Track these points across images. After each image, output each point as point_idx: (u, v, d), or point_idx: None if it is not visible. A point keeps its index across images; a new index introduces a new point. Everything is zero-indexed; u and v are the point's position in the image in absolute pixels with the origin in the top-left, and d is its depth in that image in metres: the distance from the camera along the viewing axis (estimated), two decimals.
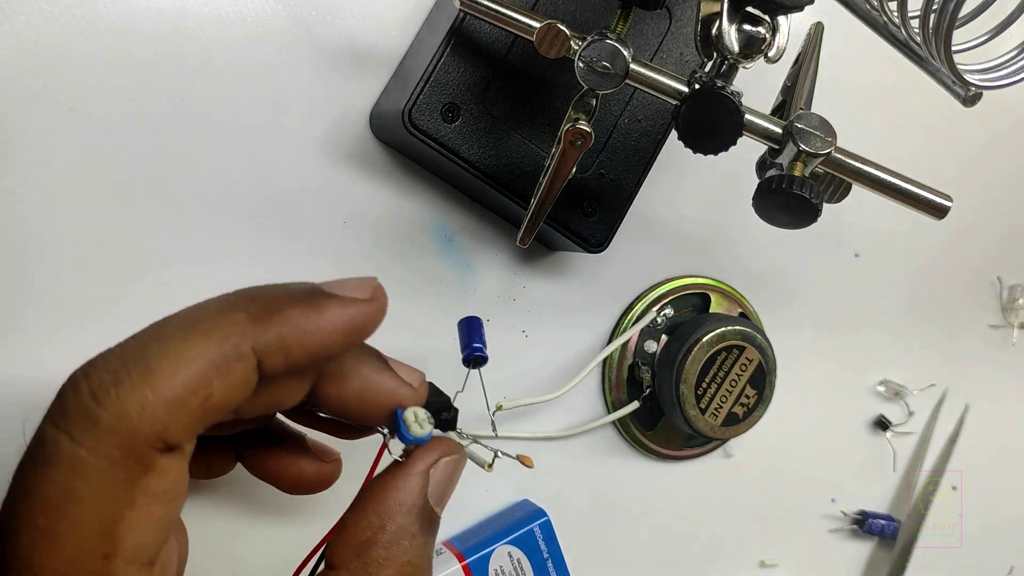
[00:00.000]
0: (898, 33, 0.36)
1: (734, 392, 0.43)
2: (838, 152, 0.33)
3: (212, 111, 0.37)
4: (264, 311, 0.22)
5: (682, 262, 0.47)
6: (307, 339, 0.22)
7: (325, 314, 0.23)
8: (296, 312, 0.22)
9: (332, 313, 0.23)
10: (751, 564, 0.51)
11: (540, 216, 0.35)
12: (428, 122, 0.35)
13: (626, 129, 0.39)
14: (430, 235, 0.41)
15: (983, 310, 0.56)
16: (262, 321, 0.22)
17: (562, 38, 0.31)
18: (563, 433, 0.44)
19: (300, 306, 0.22)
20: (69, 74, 0.34)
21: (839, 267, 0.52)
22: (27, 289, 0.34)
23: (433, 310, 0.42)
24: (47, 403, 0.21)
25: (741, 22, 0.31)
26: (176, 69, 0.36)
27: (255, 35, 0.37)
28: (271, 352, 0.22)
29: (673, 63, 0.39)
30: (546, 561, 0.41)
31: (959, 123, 0.53)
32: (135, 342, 0.21)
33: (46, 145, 0.34)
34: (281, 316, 0.22)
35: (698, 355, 0.42)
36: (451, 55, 0.35)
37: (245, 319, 0.21)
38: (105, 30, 0.35)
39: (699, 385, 0.42)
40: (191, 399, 0.20)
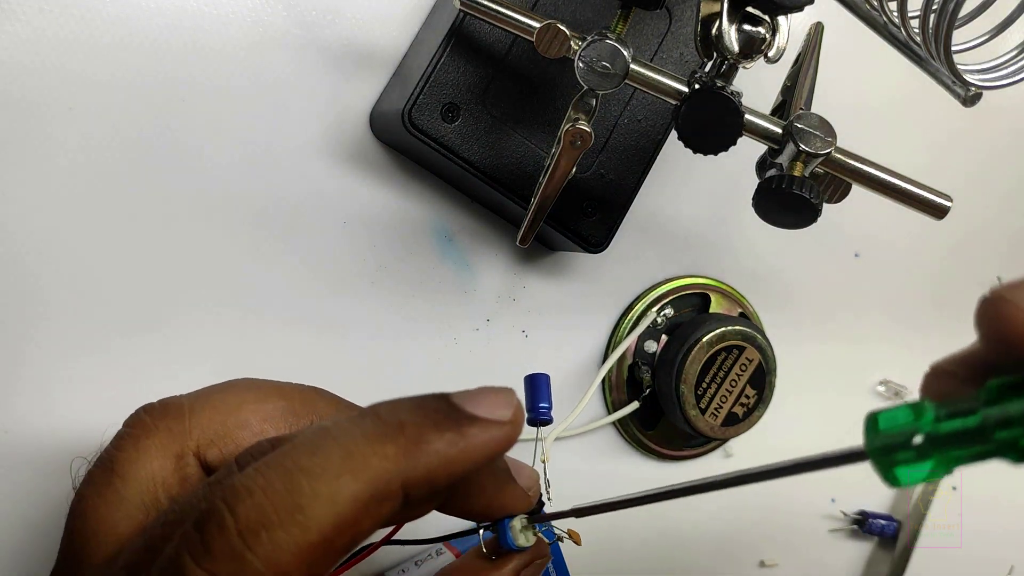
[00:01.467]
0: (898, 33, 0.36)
1: (734, 392, 0.43)
2: (838, 152, 0.33)
3: (212, 111, 0.37)
4: (413, 444, 0.21)
5: (682, 262, 0.47)
6: (453, 468, 0.21)
7: (471, 441, 0.22)
8: (444, 444, 0.21)
9: (476, 440, 0.22)
10: (751, 564, 0.51)
11: (540, 216, 0.35)
12: (428, 122, 0.35)
13: (626, 129, 0.39)
14: (430, 235, 0.41)
15: None
16: (411, 456, 0.21)
17: (562, 38, 0.31)
18: (564, 433, 0.44)
19: (447, 436, 0.21)
20: (69, 74, 0.34)
21: (839, 267, 0.52)
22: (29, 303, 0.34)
23: (433, 311, 0.42)
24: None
25: (741, 22, 0.31)
26: (176, 70, 0.36)
27: (255, 35, 0.37)
28: (417, 485, 0.21)
29: (673, 63, 0.39)
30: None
31: (959, 123, 0.53)
32: (280, 473, 0.20)
33: (46, 145, 0.34)
34: (430, 448, 0.21)
35: (698, 355, 0.42)
36: (451, 55, 0.35)
37: (396, 454, 0.21)
38: (105, 30, 0.35)
39: (699, 385, 0.42)
40: (340, 539, 0.19)
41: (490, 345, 0.43)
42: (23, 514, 0.35)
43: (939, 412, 0.17)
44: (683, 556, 0.49)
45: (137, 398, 0.27)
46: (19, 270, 0.34)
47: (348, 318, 0.40)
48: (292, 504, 0.19)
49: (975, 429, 0.16)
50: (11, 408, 0.34)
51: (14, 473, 0.34)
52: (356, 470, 0.20)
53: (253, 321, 0.38)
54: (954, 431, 0.16)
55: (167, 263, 0.37)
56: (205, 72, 0.36)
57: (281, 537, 0.19)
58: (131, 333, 0.36)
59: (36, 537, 0.35)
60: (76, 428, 0.35)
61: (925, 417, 0.17)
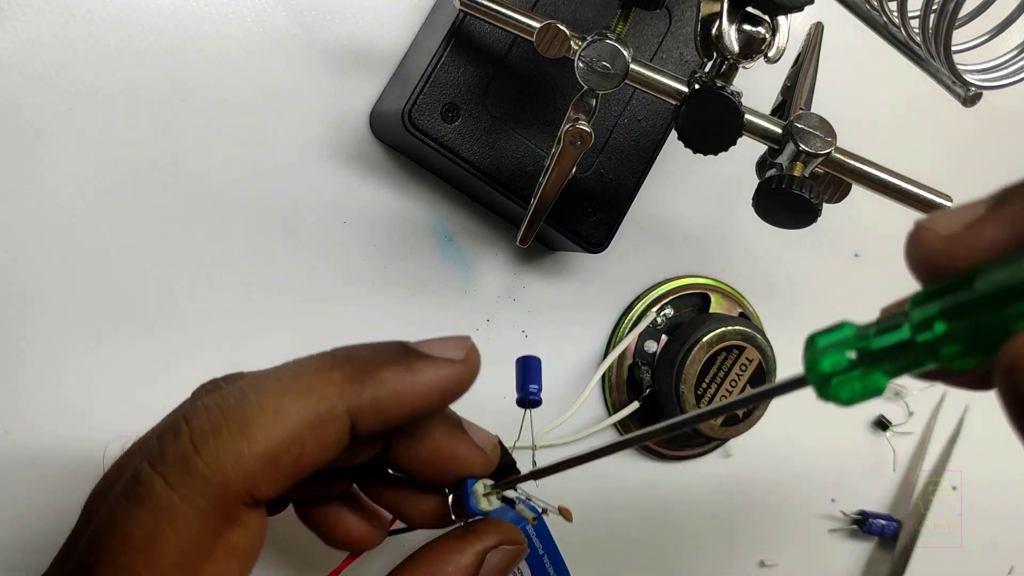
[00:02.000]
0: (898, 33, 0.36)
1: (734, 392, 0.43)
2: (838, 152, 0.33)
3: (212, 112, 0.37)
4: (360, 372, 0.22)
5: (682, 262, 0.47)
6: (401, 401, 0.22)
7: (420, 376, 0.22)
8: (391, 375, 0.22)
9: (426, 375, 0.23)
10: (751, 564, 0.51)
11: (540, 216, 0.35)
12: (428, 122, 0.35)
13: (626, 129, 0.39)
14: (430, 235, 0.41)
15: None
16: (358, 383, 0.22)
17: (562, 38, 0.31)
18: (566, 440, 0.44)
19: (395, 368, 0.22)
20: (69, 75, 0.34)
21: (839, 267, 0.52)
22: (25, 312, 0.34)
23: (433, 310, 0.42)
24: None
25: (741, 22, 0.31)
26: (176, 70, 0.36)
27: (255, 36, 0.37)
28: (365, 414, 0.22)
29: (673, 63, 0.39)
30: (542, 558, 0.41)
31: (959, 123, 0.53)
32: (235, 391, 0.21)
33: (45, 145, 0.34)
34: (377, 379, 0.22)
35: (698, 355, 0.42)
36: (451, 55, 0.35)
37: (342, 380, 0.22)
38: (105, 31, 0.35)
39: (699, 385, 0.42)
40: (284, 456, 0.20)
41: (490, 345, 0.43)
42: (20, 513, 0.35)
43: (870, 329, 0.17)
44: (683, 556, 0.49)
45: (135, 394, 0.27)
46: (19, 271, 0.34)
47: (348, 318, 0.40)
48: (240, 417, 0.20)
49: (903, 341, 0.17)
50: (11, 407, 0.34)
51: (15, 472, 0.34)
52: (301, 390, 0.21)
53: (253, 321, 0.38)
54: (884, 346, 0.17)
55: (166, 265, 0.37)
56: (205, 73, 0.36)
57: (227, 444, 0.20)
58: (131, 332, 0.36)
59: (34, 534, 0.35)
60: (79, 427, 0.35)
61: (856, 333, 0.17)
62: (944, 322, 0.16)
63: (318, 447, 0.21)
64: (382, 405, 0.22)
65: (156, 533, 0.19)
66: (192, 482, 0.20)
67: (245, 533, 0.21)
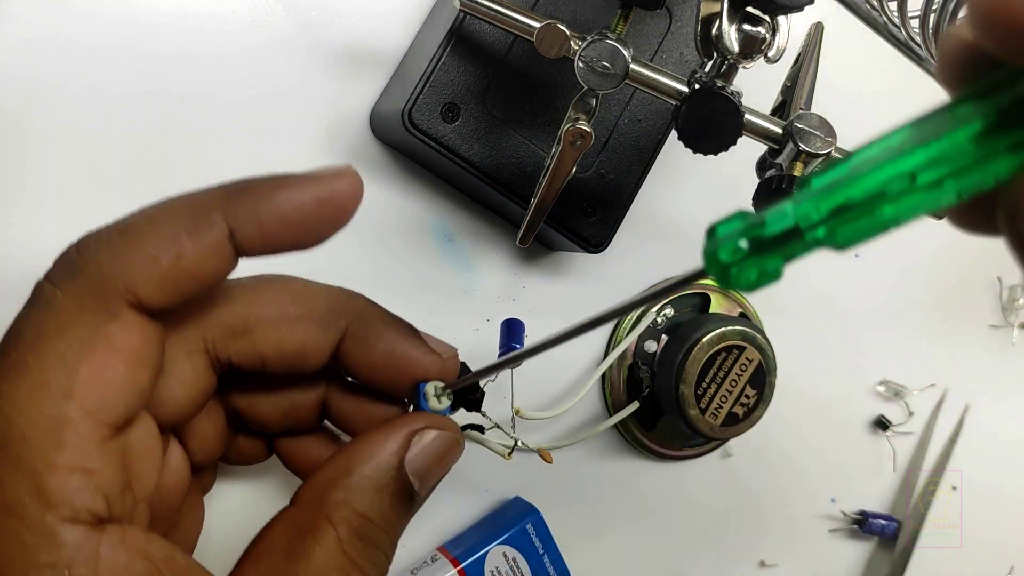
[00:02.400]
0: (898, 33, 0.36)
1: (734, 392, 0.43)
2: (838, 152, 0.33)
3: (212, 112, 0.37)
4: (236, 187, 0.23)
5: (682, 262, 0.47)
6: (278, 209, 0.23)
7: (296, 186, 0.23)
8: (267, 185, 0.23)
9: (303, 186, 0.24)
10: (751, 564, 0.51)
11: (540, 216, 0.35)
12: (428, 122, 0.35)
13: (626, 129, 0.39)
14: (430, 235, 0.41)
15: (983, 310, 0.56)
16: (233, 194, 0.23)
17: (562, 38, 0.31)
18: (567, 441, 0.44)
19: (271, 181, 0.23)
20: (69, 76, 0.34)
21: (839, 267, 0.52)
22: None
23: (433, 310, 0.42)
24: None
25: (741, 22, 0.31)
26: (176, 70, 0.36)
27: (255, 36, 0.37)
28: (244, 221, 0.22)
29: (673, 63, 0.39)
30: (542, 557, 0.41)
31: None
32: (126, 216, 0.23)
33: (45, 146, 0.34)
34: (252, 189, 0.23)
35: (698, 355, 0.42)
36: (451, 55, 0.35)
37: (217, 193, 0.23)
38: (104, 31, 0.35)
39: (699, 385, 0.42)
40: (162, 256, 0.21)
41: (490, 345, 0.43)
42: None
43: (762, 217, 0.18)
44: (683, 556, 0.49)
45: None
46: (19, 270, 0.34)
47: None
48: (121, 226, 0.22)
49: (791, 228, 0.17)
50: None
51: None
52: (179, 201, 0.23)
53: None
54: (775, 233, 0.17)
55: None
56: (205, 72, 0.36)
57: (106, 245, 0.22)
58: None
59: None
60: None
61: (751, 222, 0.18)
62: (822, 207, 0.17)
63: (197, 251, 0.22)
64: (259, 212, 0.23)
65: (43, 328, 0.21)
66: (74, 280, 0.21)
67: (129, 333, 0.21)
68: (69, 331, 0.21)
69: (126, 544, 0.21)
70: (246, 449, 0.31)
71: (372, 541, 0.23)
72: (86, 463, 0.20)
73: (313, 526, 0.23)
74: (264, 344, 0.26)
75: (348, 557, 0.23)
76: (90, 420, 0.21)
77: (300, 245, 0.24)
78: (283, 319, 0.26)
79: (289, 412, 0.29)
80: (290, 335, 0.26)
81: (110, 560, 0.20)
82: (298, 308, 0.27)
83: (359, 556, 0.23)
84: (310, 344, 0.26)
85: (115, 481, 0.21)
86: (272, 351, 0.26)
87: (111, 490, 0.21)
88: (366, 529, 0.23)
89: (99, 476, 0.21)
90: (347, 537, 0.23)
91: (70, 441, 0.20)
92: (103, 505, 0.21)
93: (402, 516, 0.25)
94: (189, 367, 0.25)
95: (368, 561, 0.23)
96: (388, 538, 0.24)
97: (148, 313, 0.22)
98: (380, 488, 0.24)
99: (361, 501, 0.24)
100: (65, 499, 0.20)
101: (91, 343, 0.21)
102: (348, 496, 0.23)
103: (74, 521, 0.20)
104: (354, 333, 0.26)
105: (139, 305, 0.21)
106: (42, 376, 0.20)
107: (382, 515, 0.24)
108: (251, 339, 0.26)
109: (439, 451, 0.25)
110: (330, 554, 0.22)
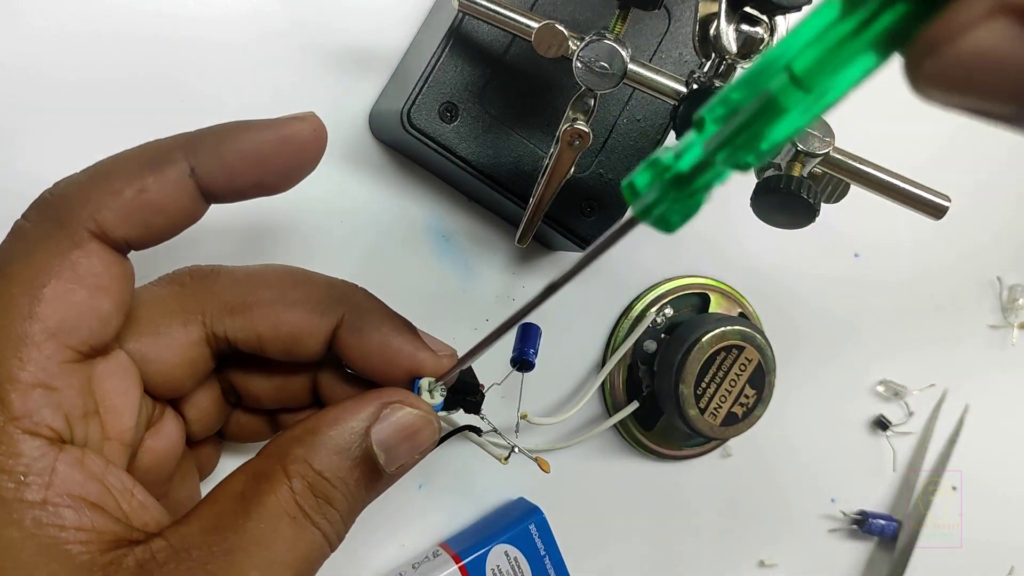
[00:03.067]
0: None
1: (733, 392, 0.43)
2: (836, 152, 0.33)
3: (211, 112, 0.37)
4: (199, 131, 0.24)
5: (681, 262, 0.47)
6: (240, 145, 0.24)
7: (257, 127, 0.24)
8: (229, 126, 0.24)
9: (264, 127, 0.25)
10: (751, 564, 0.51)
11: (538, 216, 0.36)
12: (426, 122, 0.35)
13: (625, 129, 0.39)
14: (428, 235, 0.41)
15: (983, 310, 0.56)
16: (197, 136, 0.24)
17: (560, 38, 0.31)
18: (567, 443, 0.44)
19: (233, 124, 0.25)
20: (69, 76, 0.34)
21: (839, 267, 0.52)
22: None
23: (432, 310, 0.42)
24: None
25: (739, 22, 0.31)
26: (175, 70, 0.36)
27: (254, 35, 0.37)
28: (206, 159, 0.24)
29: (672, 63, 0.39)
30: (543, 558, 0.41)
31: (957, 123, 0.53)
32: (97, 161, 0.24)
33: (44, 146, 0.34)
34: (215, 132, 0.24)
35: (697, 355, 0.42)
36: (450, 55, 0.35)
37: (181, 136, 0.24)
38: (104, 32, 0.35)
39: (698, 385, 0.42)
40: (125, 189, 0.23)
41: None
42: None
43: (674, 152, 0.18)
44: (683, 556, 0.49)
45: None
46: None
47: None
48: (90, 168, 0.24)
49: (701, 159, 0.18)
50: None
51: None
52: (143, 145, 0.24)
53: None
54: (690, 167, 0.18)
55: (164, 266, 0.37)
56: (203, 72, 0.36)
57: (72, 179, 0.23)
58: None
59: None
60: None
61: (665, 162, 0.18)
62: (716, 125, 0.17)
63: (159, 185, 0.23)
64: (221, 151, 0.24)
65: (11, 255, 0.22)
66: (42, 211, 0.23)
67: (91, 261, 0.22)
68: (35, 257, 0.22)
69: (82, 466, 0.22)
70: (248, 425, 0.31)
71: (326, 498, 0.23)
72: (48, 381, 0.21)
73: (269, 474, 0.23)
74: (260, 323, 0.27)
75: (300, 507, 0.23)
76: (53, 341, 0.22)
77: (265, 186, 0.25)
78: (281, 301, 0.27)
79: (282, 387, 0.30)
80: (286, 317, 0.27)
81: (64, 476, 0.21)
82: (297, 292, 0.27)
83: (311, 508, 0.23)
84: (306, 327, 0.27)
85: (77, 404, 0.22)
86: (268, 331, 0.27)
87: (72, 411, 0.22)
88: (321, 486, 0.23)
89: (60, 395, 0.22)
90: (300, 489, 0.23)
91: (32, 358, 0.21)
92: (63, 423, 0.22)
93: (363, 486, 0.25)
94: (183, 333, 0.26)
95: (319, 515, 0.23)
96: (345, 500, 0.24)
97: (115, 247, 0.23)
98: (341, 451, 0.24)
99: (320, 459, 0.24)
100: (25, 412, 0.21)
101: (54, 268, 0.22)
102: (307, 452, 0.24)
103: (33, 434, 0.21)
104: (350, 323, 0.27)
105: (104, 236, 0.23)
106: (7, 297, 0.21)
107: (340, 477, 0.24)
108: (248, 317, 0.27)
109: (408, 427, 0.25)
110: (282, 501, 0.23)
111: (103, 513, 0.22)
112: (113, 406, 0.24)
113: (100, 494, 0.22)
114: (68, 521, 0.21)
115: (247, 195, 0.25)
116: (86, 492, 0.22)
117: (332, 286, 0.28)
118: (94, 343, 0.23)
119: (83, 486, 0.22)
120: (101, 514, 0.22)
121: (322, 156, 0.26)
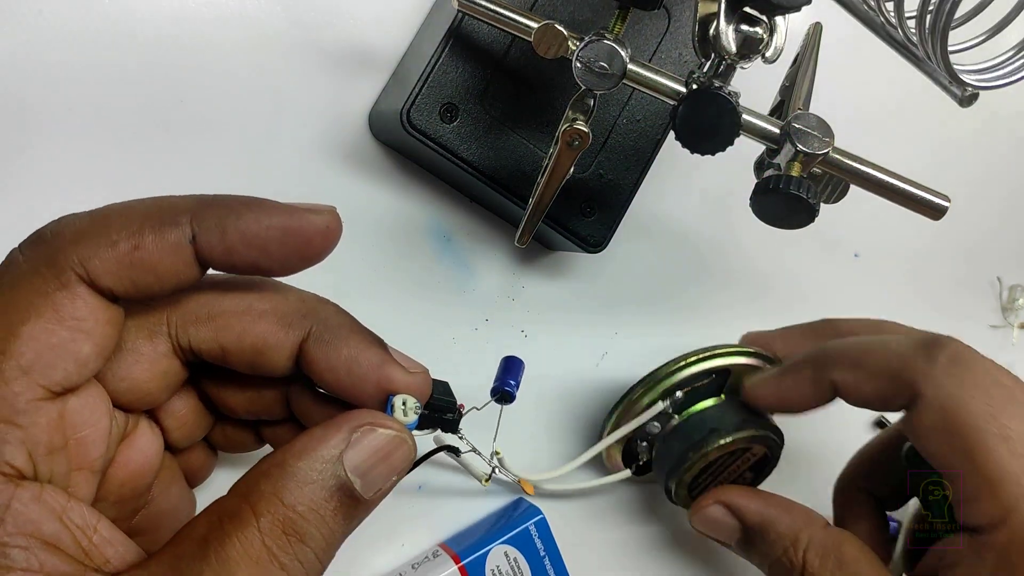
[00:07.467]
0: (895, 33, 0.36)
1: (731, 478, 0.41)
2: (836, 152, 0.33)
3: (211, 112, 0.37)
4: (210, 197, 0.24)
5: (681, 262, 0.47)
6: (244, 225, 0.24)
7: (268, 210, 0.24)
8: (240, 201, 0.24)
9: (275, 211, 0.24)
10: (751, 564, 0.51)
11: (538, 216, 0.36)
12: (426, 122, 0.35)
13: (625, 129, 0.39)
14: (428, 235, 0.41)
15: (983, 310, 0.56)
16: (206, 203, 0.24)
17: (560, 39, 0.31)
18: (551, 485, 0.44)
19: (246, 200, 0.24)
20: (68, 76, 0.34)
21: (839, 267, 0.52)
22: None
23: (432, 310, 0.42)
24: None
25: (738, 22, 0.31)
26: (175, 70, 0.36)
27: (254, 36, 0.37)
28: (209, 229, 0.23)
29: (671, 63, 0.40)
30: (543, 559, 0.41)
31: (957, 123, 0.53)
32: (106, 205, 0.24)
33: (42, 146, 0.34)
34: (225, 203, 0.24)
35: (698, 463, 0.39)
36: (449, 55, 0.36)
37: (192, 199, 0.24)
38: (104, 32, 0.35)
39: (694, 483, 0.40)
40: (121, 242, 0.22)
41: (489, 345, 0.43)
42: None
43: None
44: (682, 557, 0.49)
45: None
46: None
47: None
48: (94, 213, 0.23)
49: None
50: None
51: None
52: (152, 200, 0.24)
53: None
54: None
55: None
56: (203, 73, 0.36)
57: (69, 223, 0.23)
58: None
59: None
60: None
61: None
62: None
63: (156, 245, 0.23)
64: (224, 224, 0.23)
65: (1, 286, 0.22)
66: (36, 247, 0.23)
67: (75, 304, 0.22)
68: (18, 291, 0.22)
69: (40, 503, 0.21)
70: (233, 435, 0.31)
71: (299, 535, 0.22)
72: (13, 417, 0.21)
73: (236, 513, 0.22)
74: (224, 334, 0.26)
75: (267, 549, 0.22)
76: (25, 378, 0.21)
77: (262, 268, 0.25)
78: (247, 312, 0.26)
79: (255, 399, 0.29)
80: (251, 327, 0.26)
81: (19, 513, 0.21)
82: (263, 304, 0.26)
83: (280, 550, 0.22)
84: (271, 339, 0.26)
85: (43, 441, 0.22)
86: (232, 343, 0.26)
87: (36, 448, 0.22)
88: (293, 522, 0.22)
89: (25, 432, 0.21)
90: (269, 528, 0.22)
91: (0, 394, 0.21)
92: (24, 461, 0.21)
93: (341, 517, 0.23)
94: (150, 347, 0.26)
95: (289, 556, 0.22)
96: (320, 536, 0.23)
97: (103, 294, 0.23)
98: (312, 482, 0.23)
99: (290, 493, 0.22)
100: None
101: (36, 306, 0.22)
102: (275, 487, 0.22)
103: None
104: (318, 336, 0.26)
105: (91, 282, 0.22)
106: None
107: (313, 510, 0.23)
108: (212, 327, 0.26)
109: (382, 449, 0.24)
110: (247, 543, 0.21)
111: (57, 552, 0.21)
112: (83, 438, 0.23)
113: (56, 532, 0.21)
114: (16, 562, 0.20)
115: (245, 272, 0.25)
116: (41, 531, 0.21)
117: (301, 299, 0.27)
118: (68, 384, 0.22)
119: (38, 524, 0.21)
120: (54, 553, 0.21)
121: (331, 251, 0.25)
